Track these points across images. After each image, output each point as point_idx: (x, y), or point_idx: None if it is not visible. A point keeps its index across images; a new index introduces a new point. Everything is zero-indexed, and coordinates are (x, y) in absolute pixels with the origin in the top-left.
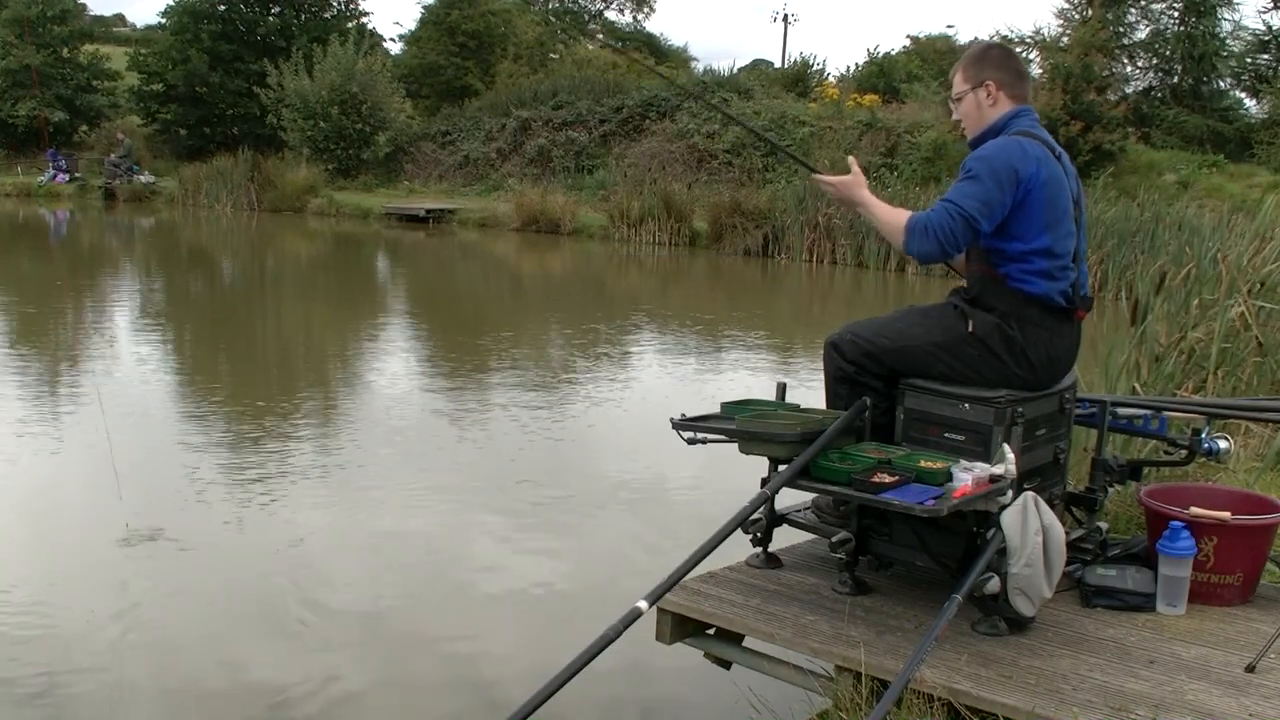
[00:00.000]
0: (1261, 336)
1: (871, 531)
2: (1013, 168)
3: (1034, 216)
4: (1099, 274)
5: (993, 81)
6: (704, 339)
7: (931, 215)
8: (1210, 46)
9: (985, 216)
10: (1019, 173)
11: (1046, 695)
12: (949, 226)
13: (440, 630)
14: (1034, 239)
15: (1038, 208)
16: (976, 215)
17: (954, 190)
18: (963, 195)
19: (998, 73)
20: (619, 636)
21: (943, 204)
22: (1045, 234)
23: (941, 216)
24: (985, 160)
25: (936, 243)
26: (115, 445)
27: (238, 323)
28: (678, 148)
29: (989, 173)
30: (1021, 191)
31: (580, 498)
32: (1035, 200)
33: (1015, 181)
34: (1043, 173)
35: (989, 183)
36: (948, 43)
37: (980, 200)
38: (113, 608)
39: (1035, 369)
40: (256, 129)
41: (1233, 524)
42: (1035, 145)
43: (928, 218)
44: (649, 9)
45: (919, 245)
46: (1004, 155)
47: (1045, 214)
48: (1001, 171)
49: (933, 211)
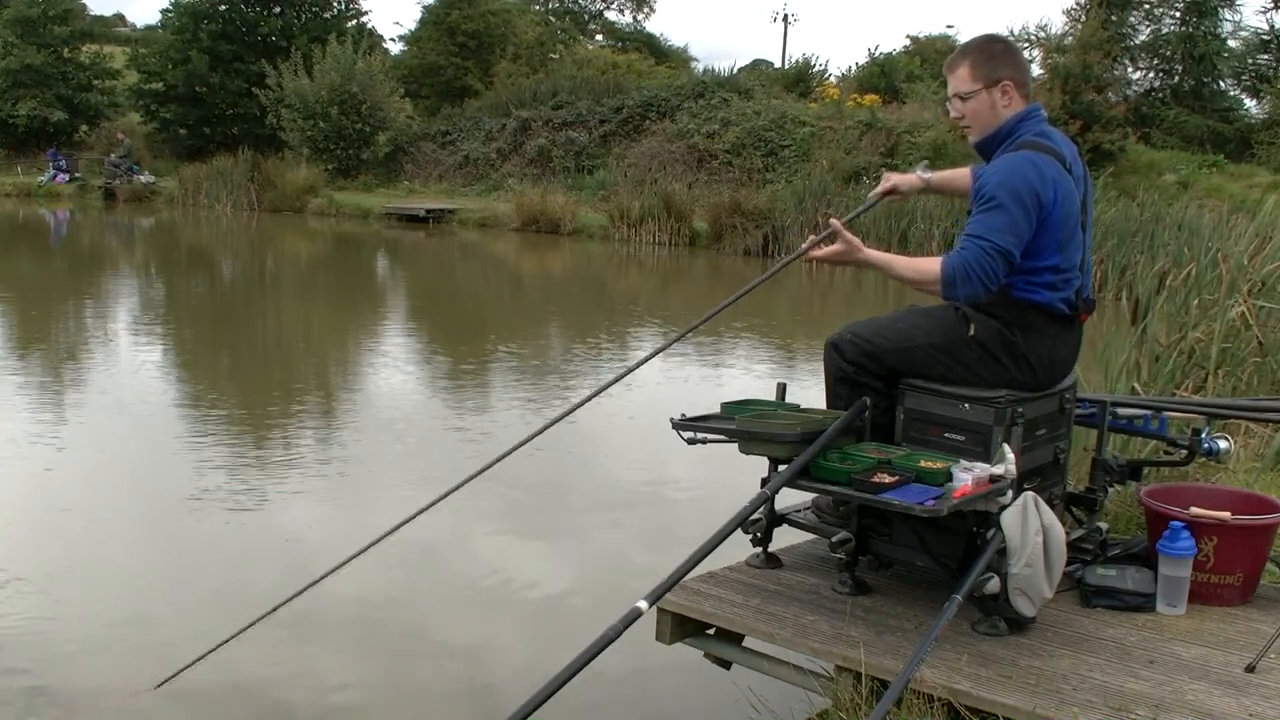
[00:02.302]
0: (1261, 336)
1: (871, 531)
2: (1035, 192)
3: (1049, 238)
4: (1099, 274)
5: (1010, 81)
6: (704, 339)
7: (968, 258)
8: (1211, 46)
9: (1017, 248)
10: (1040, 197)
11: (1046, 695)
12: (989, 266)
13: (440, 630)
14: (1046, 257)
15: (1053, 229)
16: (1010, 249)
17: (979, 224)
18: (992, 230)
19: (1014, 71)
20: (619, 636)
21: (974, 242)
22: (1057, 253)
23: (979, 257)
24: (1006, 187)
25: (981, 285)
26: (114, 443)
27: (237, 323)
28: (678, 148)
29: (1013, 200)
30: (1040, 216)
31: (580, 497)
32: (1051, 222)
33: (1038, 205)
34: (1058, 193)
35: (1016, 211)
36: (948, 43)
37: (1011, 233)
38: (110, 608)
39: (1035, 371)
40: (256, 129)
41: (1233, 524)
42: (1050, 164)
43: (964, 261)
44: (649, 9)
45: (966, 292)
46: (1024, 181)
47: (1059, 233)
48: (1025, 197)
49: (965, 252)
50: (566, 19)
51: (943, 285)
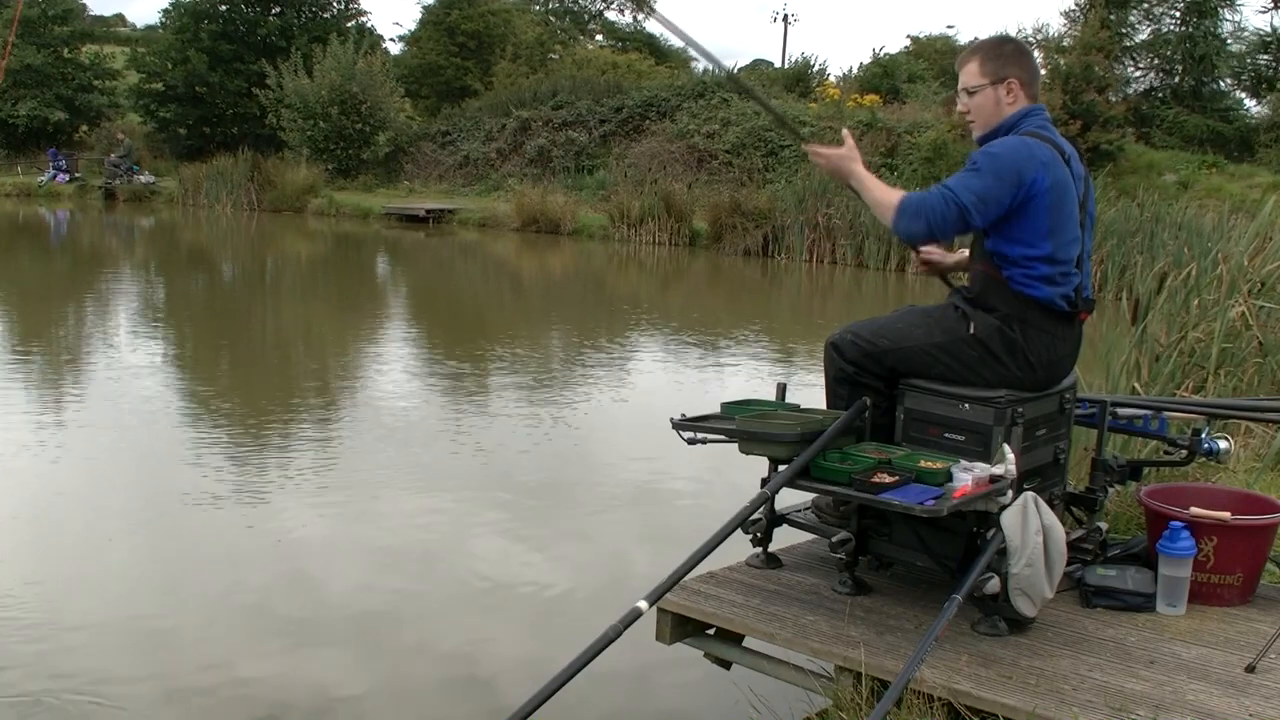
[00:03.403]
0: (1261, 336)
1: (871, 531)
2: (1017, 168)
3: (1038, 222)
4: (1099, 274)
5: (1016, 80)
6: (704, 339)
7: (927, 197)
8: (1211, 47)
9: (979, 210)
10: (1022, 174)
11: (1047, 695)
12: (941, 211)
13: (440, 630)
14: (1037, 244)
15: (1041, 213)
16: (970, 207)
17: (954, 179)
18: (961, 185)
19: (1020, 70)
20: (619, 636)
21: (940, 189)
22: (1048, 240)
23: (936, 201)
24: (991, 156)
25: (926, 224)
26: (113, 443)
27: (237, 323)
28: (678, 148)
29: (992, 169)
30: (1024, 194)
31: (580, 497)
32: (1039, 206)
33: (1018, 183)
34: (1048, 178)
35: (990, 178)
36: (948, 43)
37: (977, 193)
38: (108, 608)
39: (1035, 370)
40: (256, 129)
41: (1233, 524)
42: (1044, 148)
43: (922, 199)
44: (649, 10)
45: (908, 225)
46: (1010, 154)
47: (1049, 220)
48: (1005, 170)
49: (929, 194)
50: (566, 19)
51: (895, 213)
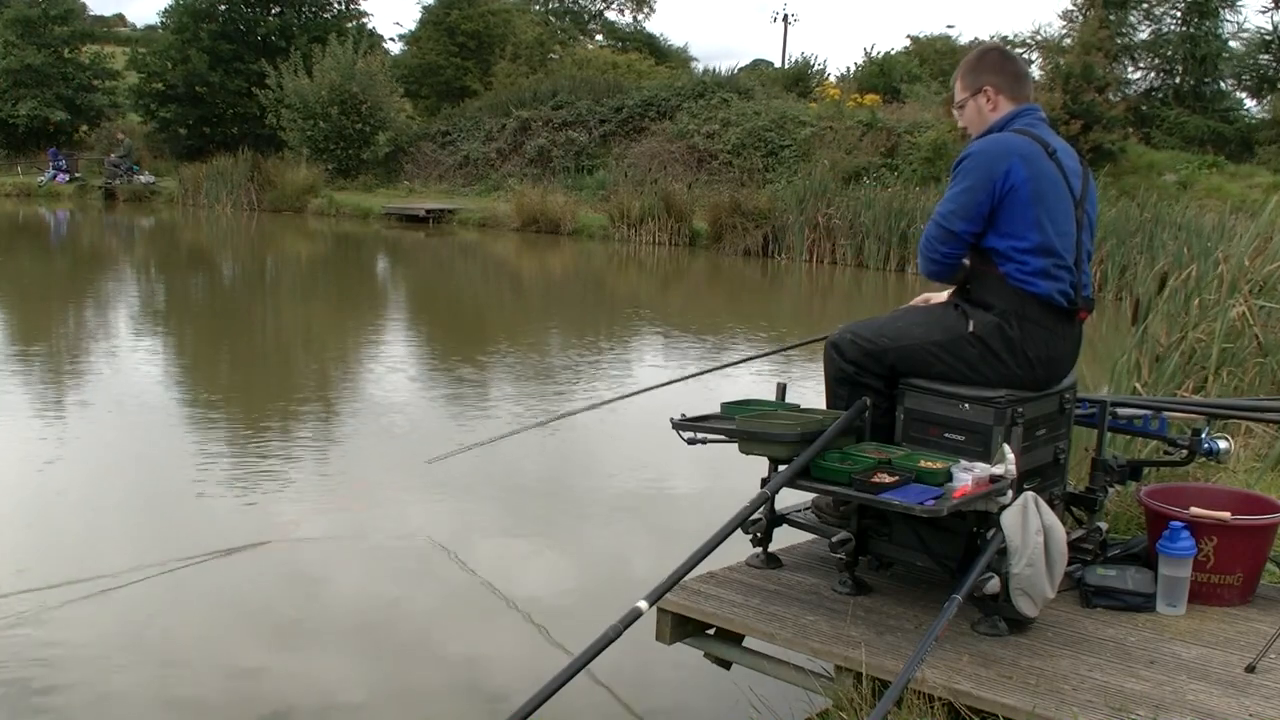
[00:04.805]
0: (1262, 336)
1: (871, 531)
2: (987, 165)
3: (1021, 213)
4: (1099, 274)
5: (990, 86)
6: (704, 339)
7: (924, 232)
8: (1212, 47)
9: (961, 218)
10: (994, 169)
11: (1047, 695)
12: (936, 237)
13: (440, 630)
14: (1025, 235)
15: (1022, 204)
16: (946, 221)
17: (941, 202)
18: (941, 205)
19: (995, 77)
20: (619, 636)
21: (931, 222)
22: (1035, 231)
23: (930, 231)
24: (961, 164)
25: (927, 259)
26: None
27: (237, 323)
28: (678, 148)
29: (963, 175)
30: (1002, 188)
31: (580, 498)
32: (1019, 197)
33: (990, 178)
34: (1024, 169)
35: (961, 186)
36: (948, 43)
37: (954, 205)
38: (108, 608)
39: (1035, 368)
40: (256, 129)
41: (1233, 524)
42: (1023, 142)
43: (923, 236)
44: (649, 9)
45: (925, 266)
46: (979, 154)
47: (1032, 210)
48: (975, 170)
49: (926, 230)
50: (566, 19)
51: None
